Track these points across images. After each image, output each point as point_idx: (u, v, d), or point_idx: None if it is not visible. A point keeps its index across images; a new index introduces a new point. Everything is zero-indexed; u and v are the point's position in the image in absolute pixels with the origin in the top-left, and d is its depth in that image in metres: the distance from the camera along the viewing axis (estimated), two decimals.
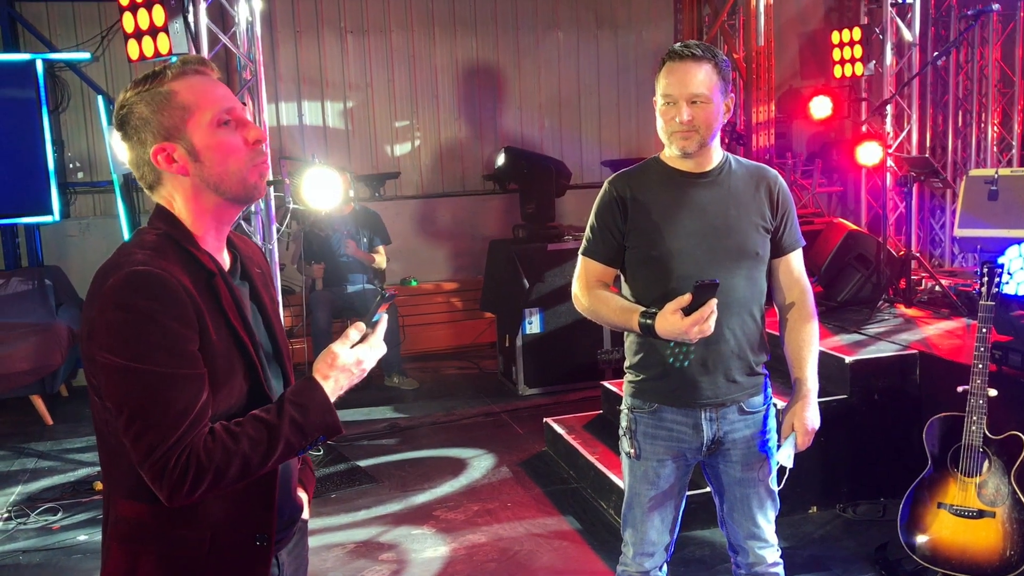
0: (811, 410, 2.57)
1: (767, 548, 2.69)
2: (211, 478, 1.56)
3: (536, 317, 6.47)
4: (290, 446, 1.63)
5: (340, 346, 1.71)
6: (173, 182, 1.69)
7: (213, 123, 1.66)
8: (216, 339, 1.63)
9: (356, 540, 4.30)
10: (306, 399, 1.66)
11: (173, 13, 4.71)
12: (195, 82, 1.67)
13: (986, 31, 7.90)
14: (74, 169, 7.36)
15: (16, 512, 4.68)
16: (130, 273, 1.56)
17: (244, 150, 1.70)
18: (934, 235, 8.35)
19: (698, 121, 2.43)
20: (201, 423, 1.57)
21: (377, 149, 8.10)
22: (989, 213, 5.34)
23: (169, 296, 1.56)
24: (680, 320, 2.31)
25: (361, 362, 1.73)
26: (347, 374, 1.71)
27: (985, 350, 3.41)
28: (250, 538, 1.71)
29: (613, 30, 8.54)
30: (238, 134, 1.69)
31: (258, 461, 1.60)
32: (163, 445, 1.53)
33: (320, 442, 1.68)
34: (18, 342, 5.94)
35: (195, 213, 1.70)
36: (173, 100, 1.65)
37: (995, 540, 3.38)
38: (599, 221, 2.61)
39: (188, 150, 1.66)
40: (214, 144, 1.66)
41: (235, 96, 1.74)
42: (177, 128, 1.65)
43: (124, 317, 1.53)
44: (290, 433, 1.62)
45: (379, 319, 1.77)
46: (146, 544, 1.67)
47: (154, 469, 1.54)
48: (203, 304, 1.62)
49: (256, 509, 1.72)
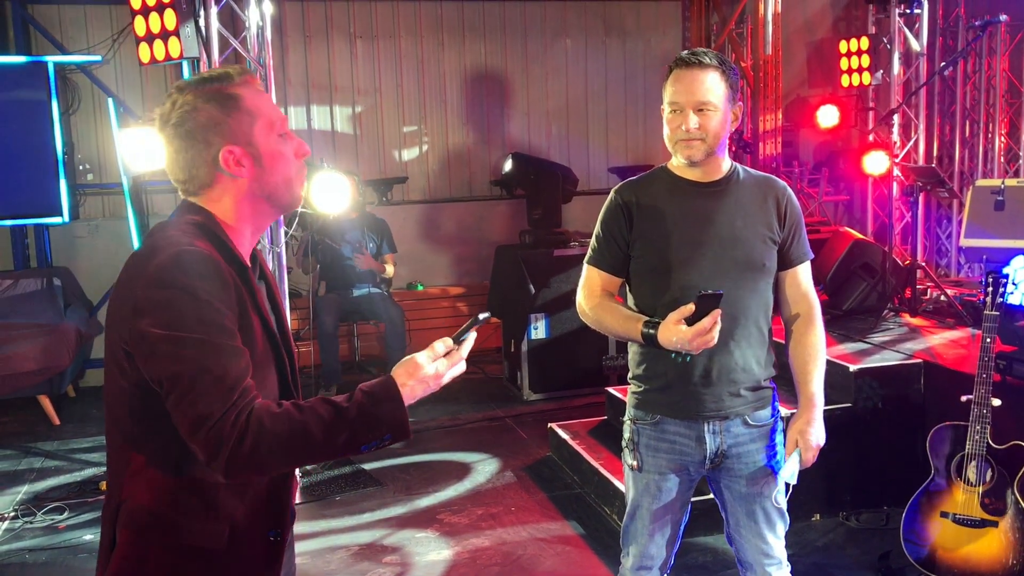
0: (816, 426, 2.53)
1: (776, 565, 2.63)
2: (271, 447, 1.54)
3: (542, 322, 6.49)
4: (355, 435, 1.61)
5: (424, 357, 1.70)
6: (228, 184, 1.71)
7: (275, 132, 1.72)
8: (250, 326, 1.66)
9: (360, 543, 4.32)
10: (381, 393, 1.64)
11: (184, 17, 4.74)
12: (255, 91, 1.73)
13: (994, 41, 7.90)
14: (84, 171, 7.39)
15: (23, 511, 4.70)
16: (178, 252, 1.59)
17: (295, 162, 1.76)
18: (940, 245, 8.34)
19: (704, 129, 2.42)
20: (252, 393, 1.58)
21: (385, 154, 8.13)
22: (995, 223, 5.34)
23: (215, 274, 1.60)
24: (683, 331, 2.28)
25: (440, 376, 1.71)
26: (424, 385, 1.69)
27: (989, 360, 3.42)
28: (264, 533, 1.73)
29: (621, 37, 8.56)
30: (289, 146, 1.75)
31: (321, 441, 1.58)
32: (219, 411, 1.53)
33: (386, 440, 1.65)
34: (26, 342, 5.97)
35: (239, 217, 1.74)
36: (242, 104, 1.69)
37: (998, 550, 3.39)
38: (604, 230, 2.60)
39: (255, 155, 1.70)
40: (277, 152, 1.72)
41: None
42: (246, 133, 1.69)
43: (175, 294, 1.56)
44: (358, 421, 1.60)
45: (467, 338, 1.76)
46: (162, 535, 1.66)
47: (210, 436, 1.53)
48: (241, 291, 1.66)
49: (272, 505, 1.73)
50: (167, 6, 4.73)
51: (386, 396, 1.64)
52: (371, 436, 1.62)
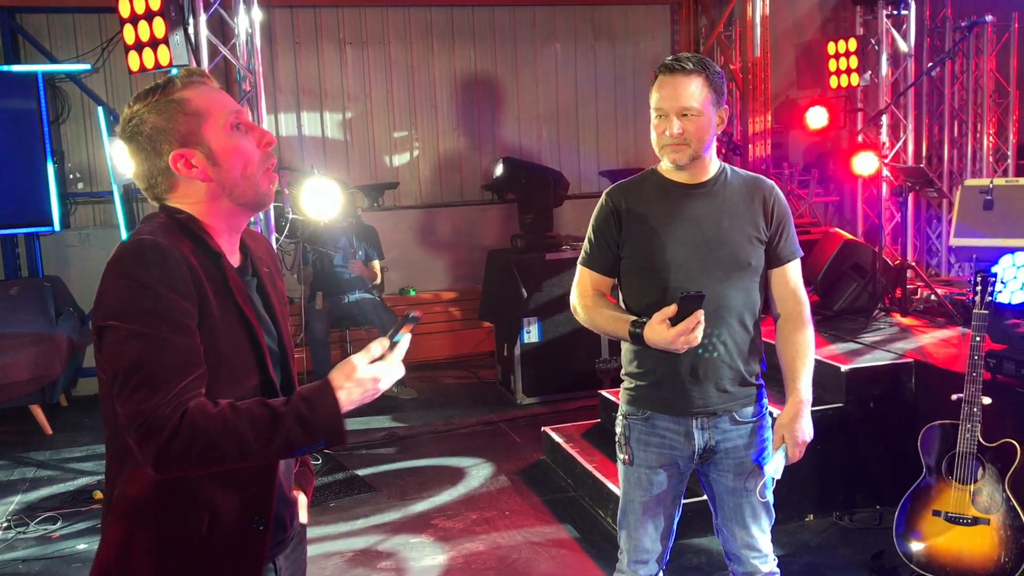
0: (803, 421, 2.56)
1: (762, 558, 2.69)
2: (202, 446, 1.54)
3: (534, 326, 6.49)
4: (290, 440, 1.60)
5: (360, 358, 1.68)
6: (188, 188, 1.72)
7: (227, 126, 1.70)
8: (219, 316, 1.65)
9: (355, 549, 4.32)
10: (317, 398, 1.63)
11: (173, 25, 4.75)
12: (203, 90, 1.72)
13: (981, 42, 7.95)
14: (74, 180, 7.39)
15: (15, 521, 4.69)
16: (134, 242, 1.62)
17: (257, 154, 1.74)
18: (930, 244, 8.38)
19: (689, 134, 2.46)
20: (193, 391, 1.57)
21: (376, 160, 8.14)
22: (984, 223, 5.36)
23: (168, 266, 1.60)
24: (667, 331, 2.35)
25: (378, 379, 1.68)
26: (362, 388, 1.66)
27: (979, 358, 3.44)
28: (248, 521, 1.72)
29: (610, 41, 8.59)
30: (250, 137, 1.74)
31: (255, 444, 1.57)
32: (151, 404, 1.53)
33: (321, 446, 1.65)
34: (18, 352, 5.95)
35: (209, 217, 1.73)
36: (186, 107, 1.69)
37: (990, 547, 3.41)
38: (596, 232, 2.65)
39: (207, 155, 1.69)
40: (231, 147, 1.70)
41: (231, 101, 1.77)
42: (194, 134, 1.69)
43: (124, 283, 1.59)
44: (293, 425, 1.59)
45: (401, 339, 1.72)
46: (143, 521, 1.68)
47: (141, 430, 1.53)
48: (207, 282, 1.65)
49: (256, 492, 1.73)
50: (156, 14, 4.74)
51: (322, 401, 1.62)
52: (306, 440, 1.60)
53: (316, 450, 1.65)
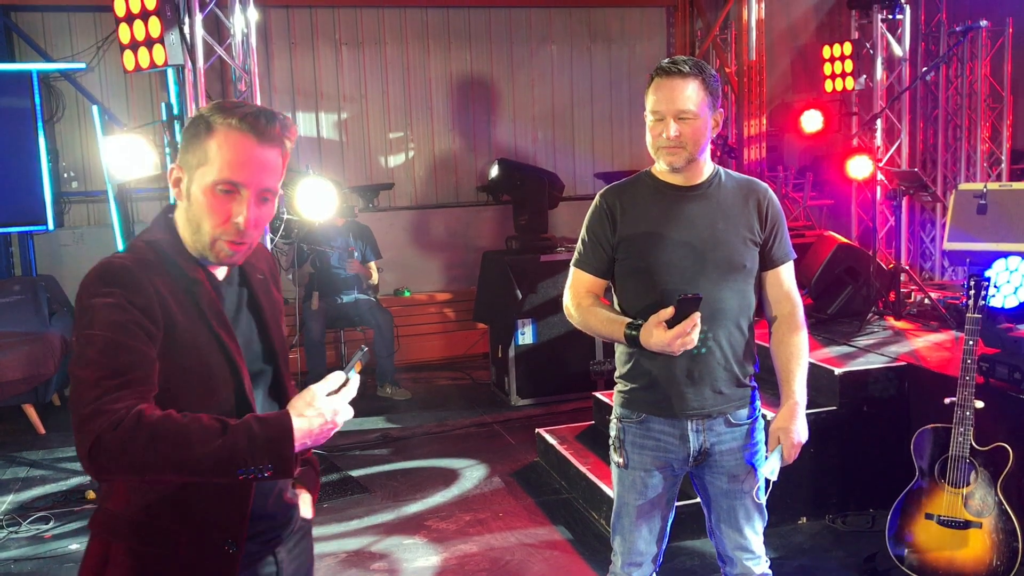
0: (798, 423, 2.57)
1: (754, 560, 2.70)
2: (142, 449, 1.52)
3: (529, 328, 6.50)
4: (235, 456, 1.55)
5: (320, 388, 1.67)
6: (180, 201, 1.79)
7: (212, 184, 1.71)
8: (188, 337, 1.68)
9: (348, 550, 4.31)
10: (271, 419, 1.61)
11: (169, 25, 4.74)
12: (237, 141, 1.70)
13: (975, 46, 7.97)
14: (68, 179, 7.37)
15: (8, 521, 4.67)
16: (101, 264, 1.67)
17: (222, 223, 1.72)
18: (924, 248, 8.41)
19: (685, 137, 2.46)
20: (138, 389, 1.58)
21: (371, 160, 8.14)
22: (978, 227, 5.38)
23: (131, 285, 1.64)
24: (663, 333, 2.35)
25: (337, 413, 1.66)
26: (320, 419, 1.63)
27: (972, 362, 3.45)
28: (220, 543, 1.74)
29: (606, 44, 8.60)
30: (226, 206, 1.72)
31: (197, 448, 1.54)
32: (96, 408, 1.54)
33: (267, 472, 1.58)
34: (11, 351, 5.93)
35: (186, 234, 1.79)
36: (205, 142, 1.71)
37: (982, 550, 3.42)
38: (590, 233, 2.65)
39: (187, 187, 1.75)
40: (202, 200, 1.72)
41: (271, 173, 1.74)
42: (191, 165, 1.74)
43: (89, 303, 1.63)
44: (240, 437, 1.56)
45: (353, 376, 1.71)
46: (120, 534, 1.73)
47: (83, 431, 1.54)
48: (175, 305, 1.68)
49: (230, 514, 1.74)
50: (151, 13, 4.73)
51: (276, 427, 1.59)
52: (251, 461, 1.56)
53: (260, 476, 1.58)
